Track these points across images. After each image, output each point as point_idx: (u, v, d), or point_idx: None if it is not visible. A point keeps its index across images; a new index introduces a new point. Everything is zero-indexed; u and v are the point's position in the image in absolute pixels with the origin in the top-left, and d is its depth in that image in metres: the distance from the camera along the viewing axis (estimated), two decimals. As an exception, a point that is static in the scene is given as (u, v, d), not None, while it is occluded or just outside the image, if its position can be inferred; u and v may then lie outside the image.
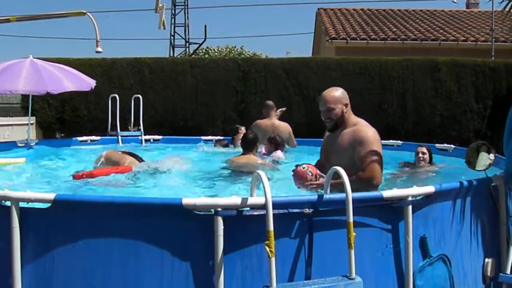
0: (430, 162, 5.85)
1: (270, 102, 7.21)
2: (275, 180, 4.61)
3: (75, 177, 4.81)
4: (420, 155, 5.80)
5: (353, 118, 3.70)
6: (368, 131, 3.55)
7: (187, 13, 25.26)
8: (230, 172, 5.26)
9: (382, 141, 7.37)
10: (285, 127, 6.93)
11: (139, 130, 8.59)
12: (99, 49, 9.54)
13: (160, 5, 19.15)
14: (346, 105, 3.65)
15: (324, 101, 3.64)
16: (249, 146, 5.58)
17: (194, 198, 2.47)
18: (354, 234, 2.45)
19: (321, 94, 3.72)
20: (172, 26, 25.00)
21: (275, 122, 6.98)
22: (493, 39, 14.64)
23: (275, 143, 6.23)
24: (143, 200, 2.65)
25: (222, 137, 8.07)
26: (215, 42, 49.03)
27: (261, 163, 5.49)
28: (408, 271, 2.74)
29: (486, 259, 3.24)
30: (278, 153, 6.17)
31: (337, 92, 3.67)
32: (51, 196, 2.48)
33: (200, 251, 2.48)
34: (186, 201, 2.44)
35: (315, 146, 6.66)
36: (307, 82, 11.20)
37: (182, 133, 9.68)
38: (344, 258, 2.47)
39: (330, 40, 15.54)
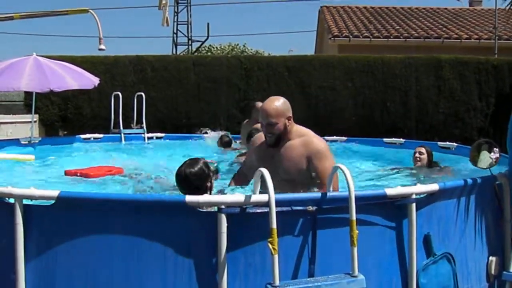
0: (430, 165, 5.45)
1: (253, 103, 6.90)
2: None
3: (67, 173, 4.77)
4: (417, 155, 5.40)
5: (296, 128, 3.45)
6: (320, 143, 3.38)
7: (190, 10, 25.21)
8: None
9: (385, 139, 7.46)
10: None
11: (142, 128, 8.60)
12: (102, 46, 9.53)
13: (164, 2, 19.12)
14: (289, 118, 3.38)
15: (265, 115, 3.33)
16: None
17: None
18: (357, 232, 2.45)
19: (262, 106, 3.44)
20: (175, 23, 24.95)
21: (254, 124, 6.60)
22: (496, 37, 14.58)
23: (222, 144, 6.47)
24: (146, 197, 2.65)
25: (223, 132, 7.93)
26: (217, 40, 48.95)
27: None
28: (411, 269, 2.73)
29: (490, 257, 3.23)
30: None
31: (280, 105, 3.37)
32: (55, 193, 2.48)
33: (203, 249, 2.48)
34: (189, 198, 2.44)
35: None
36: (310, 80, 11.18)
37: (185, 130, 9.69)
38: (347, 255, 2.46)
39: (332, 38, 15.50)
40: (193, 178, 2.98)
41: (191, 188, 2.95)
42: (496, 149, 3.36)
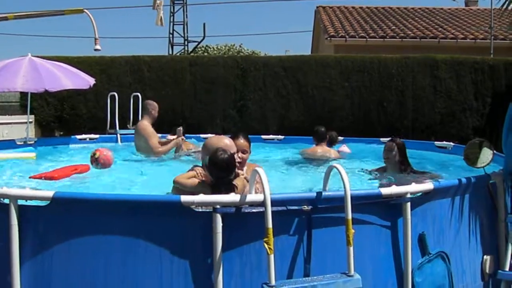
0: (403, 162, 4.72)
1: (146, 102, 7.20)
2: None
3: (33, 178, 4.69)
4: (385, 153, 4.75)
5: None
6: None
7: (186, 11, 25.18)
8: (302, 160, 6.28)
9: (381, 138, 7.47)
10: (140, 128, 6.84)
11: (138, 128, 8.56)
12: (98, 47, 9.48)
13: (158, 1, 19.10)
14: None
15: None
16: (319, 138, 6.50)
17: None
18: (353, 231, 2.45)
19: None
20: (171, 24, 24.93)
21: (139, 123, 6.99)
22: (492, 37, 14.62)
23: (329, 140, 6.76)
24: (142, 197, 2.64)
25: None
26: (214, 40, 48.98)
27: (332, 153, 6.43)
28: (407, 268, 2.74)
29: (485, 256, 3.24)
30: (344, 148, 6.71)
31: None
32: (50, 193, 2.48)
33: (199, 249, 2.48)
34: (184, 198, 2.44)
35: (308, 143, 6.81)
36: (306, 80, 11.18)
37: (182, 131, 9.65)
38: (343, 255, 2.47)
39: (329, 38, 15.51)
40: (231, 160, 3.08)
41: (232, 170, 3.07)
42: (491, 146, 3.38)
